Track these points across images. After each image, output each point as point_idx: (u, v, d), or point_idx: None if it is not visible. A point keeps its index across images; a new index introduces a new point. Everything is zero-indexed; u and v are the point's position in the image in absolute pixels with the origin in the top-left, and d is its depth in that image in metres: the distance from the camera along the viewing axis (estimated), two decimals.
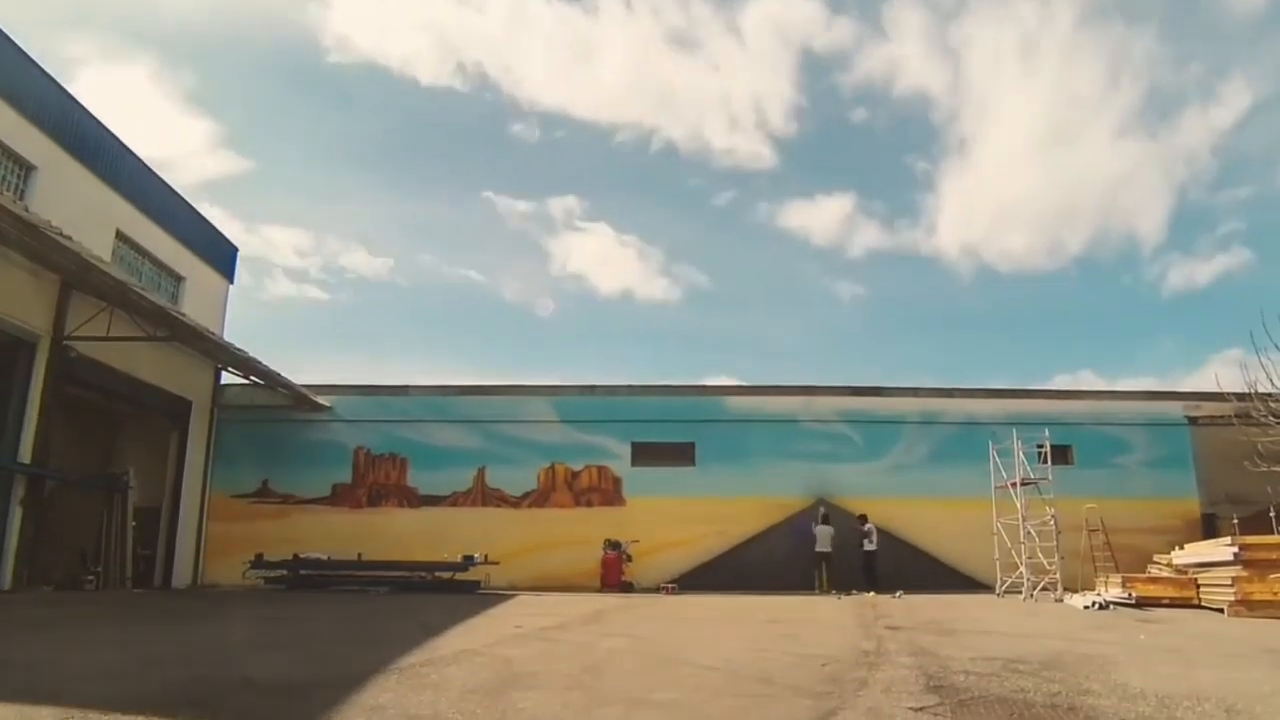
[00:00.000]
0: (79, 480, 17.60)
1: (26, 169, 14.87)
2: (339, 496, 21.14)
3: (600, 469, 21.40)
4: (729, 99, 65.36)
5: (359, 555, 18.65)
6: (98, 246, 14.89)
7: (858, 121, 61.92)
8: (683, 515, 20.59)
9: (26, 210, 12.15)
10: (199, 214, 21.17)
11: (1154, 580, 14.91)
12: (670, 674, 6.24)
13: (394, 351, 64.10)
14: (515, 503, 21.03)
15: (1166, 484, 20.96)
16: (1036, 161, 63.89)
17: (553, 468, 21.41)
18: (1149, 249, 60.75)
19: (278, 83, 63.80)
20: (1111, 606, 13.53)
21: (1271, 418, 16.60)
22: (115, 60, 65.45)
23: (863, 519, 19.76)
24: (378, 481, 21.25)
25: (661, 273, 66.44)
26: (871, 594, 17.22)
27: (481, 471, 21.26)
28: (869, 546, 19.37)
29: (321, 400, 21.40)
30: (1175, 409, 21.91)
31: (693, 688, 5.57)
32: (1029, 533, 16.96)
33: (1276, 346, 16.87)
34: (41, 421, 14.72)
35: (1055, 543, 16.70)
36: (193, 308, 18.79)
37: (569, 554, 20.04)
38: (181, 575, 19.24)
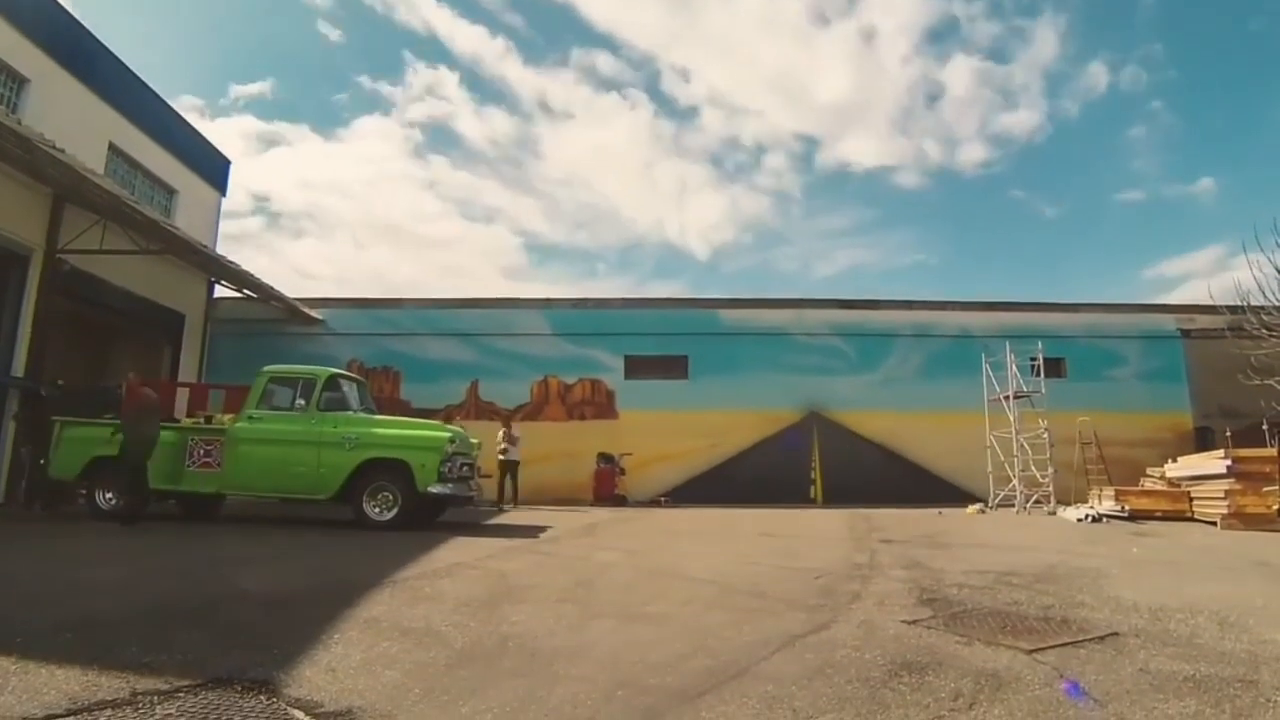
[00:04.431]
0: (73, 395, 17.47)
1: (19, 82, 14.58)
2: None
3: (593, 382, 21.37)
4: None
5: None
6: (90, 159, 14.54)
7: None
8: (676, 428, 20.66)
9: (19, 123, 11.88)
10: (191, 127, 20.70)
11: (1147, 493, 14.96)
12: (663, 587, 6.25)
13: None
14: (508, 415, 21.04)
15: (1159, 397, 21.02)
16: None
17: (545, 381, 21.37)
18: None
19: None
20: (1104, 519, 13.67)
21: (1264, 330, 16.53)
22: None
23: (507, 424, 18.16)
24: (371, 394, 21.12)
25: None
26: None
27: (474, 384, 21.23)
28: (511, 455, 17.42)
29: (314, 313, 21.19)
30: (1168, 322, 21.89)
31: (685, 601, 5.58)
32: (1022, 446, 17.08)
33: (1269, 258, 16.72)
34: (35, 336, 14.66)
35: (1048, 456, 16.85)
36: (185, 220, 18.46)
37: (562, 467, 20.12)
38: None
